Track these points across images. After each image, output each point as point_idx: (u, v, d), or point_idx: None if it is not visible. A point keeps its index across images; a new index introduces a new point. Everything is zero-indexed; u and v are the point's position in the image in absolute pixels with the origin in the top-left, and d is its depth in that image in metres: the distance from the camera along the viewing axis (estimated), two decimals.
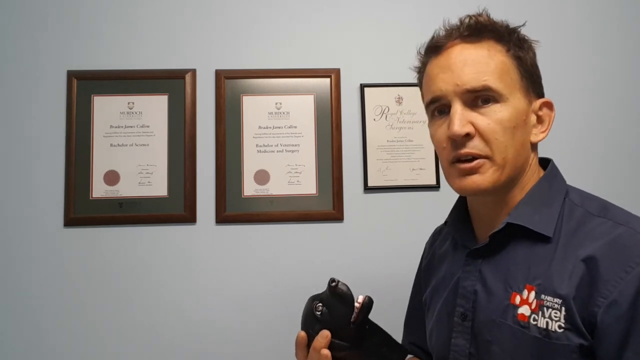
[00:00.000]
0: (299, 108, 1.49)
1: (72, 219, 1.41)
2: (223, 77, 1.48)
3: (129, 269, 1.41)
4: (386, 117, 1.50)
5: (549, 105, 0.75)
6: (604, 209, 0.70)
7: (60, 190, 1.42)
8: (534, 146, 0.75)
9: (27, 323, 1.37)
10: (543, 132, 0.75)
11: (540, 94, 0.76)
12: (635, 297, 0.60)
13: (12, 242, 1.39)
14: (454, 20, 0.76)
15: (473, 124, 0.70)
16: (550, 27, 1.56)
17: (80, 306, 1.39)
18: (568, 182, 0.77)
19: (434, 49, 0.76)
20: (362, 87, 1.50)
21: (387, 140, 1.49)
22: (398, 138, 1.50)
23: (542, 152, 0.80)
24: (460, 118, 0.70)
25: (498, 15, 0.79)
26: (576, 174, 0.97)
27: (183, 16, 1.51)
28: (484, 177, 0.70)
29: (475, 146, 0.70)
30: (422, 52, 0.79)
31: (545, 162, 0.79)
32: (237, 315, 1.42)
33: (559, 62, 1.55)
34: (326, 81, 1.50)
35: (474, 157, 0.70)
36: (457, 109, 0.70)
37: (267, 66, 1.50)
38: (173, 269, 1.42)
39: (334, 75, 1.50)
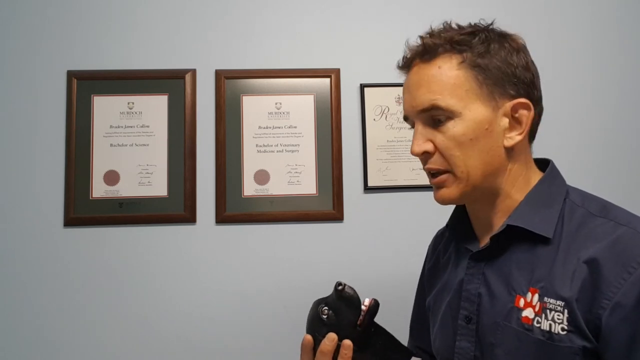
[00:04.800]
0: (299, 108, 1.49)
1: (72, 219, 1.41)
2: (223, 77, 1.48)
3: (129, 269, 1.41)
4: (386, 117, 1.50)
5: (524, 106, 0.72)
6: (605, 209, 0.70)
7: (60, 190, 1.42)
8: (511, 149, 0.73)
9: (27, 323, 1.37)
10: (519, 134, 0.72)
11: (518, 95, 0.72)
12: (639, 299, 0.60)
13: (12, 242, 1.39)
14: (450, 21, 0.77)
15: (433, 141, 0.73)
16: (550, 27, 1.56)
17: (80, 306, 1.39)
18: (568, 183, 0.77)
19: (402, 67, 0.79)
20: (362, 87, 1.50)
21: (387, 140, 1.49)
22: (398, 138, 1.50)
23: (542, 152, 0.80)
24: (419, 137, 0.74)
25: (497, 14, 0.78)
26: (576, 174, 0.97)
27: (183, 16, 1.51)
28: (450, 190, 0.73)
29: (435, 162, 0.74)
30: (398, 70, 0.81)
31: (544, 163, 0.79)
32: (237, 314, 1.42)
33: (559, 62, 1.55)
34: (326, 81, 1.50)
35: (438, 172, 0.74)
36: (418, 128, 0.74)
37: (267, 66, 1.50)
38: (173, 268, 1.42)
39: (334, 75, 1.50)
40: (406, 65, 0.77)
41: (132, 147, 1.45)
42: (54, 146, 1.43)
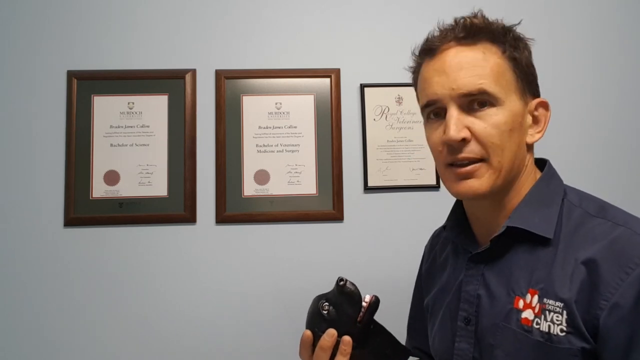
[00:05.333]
0: (299, 108, 1.49)
1: (72, 219, 1.41)
2: (223, 77, 1.48)
3: (129, 269, 1.41)
4: (386, 117, 1.50)
5: (544, 105, 0.74)
6: (603, 209, 0.70)
7: (60, 190, 1.42)
8: (529, 147, 0.75)
9: (27, 323, 1.37)
10: (539, 132, 0.74)
11: (536, 94, 0.75)
12: (637, 299, 0.60)
13: (12, 242, 1.39)
14: (450, 20, 0.75)
15: (469, 128, 0.69)
16: (549, 26, 1.56)
17: (80, 306, 1.39)
18: (569, 183, 0.77)
19: (429, 51, 0.74)
20: (362, 87, 1.50)
21: (387, 140, 1.49)
22: (398, 138, 1.50)
23: (542, 152, 0.80)
24: (457, 123, 0.69)
25: (497, 14, 0.78)
26: (576, 174, 0.97)
27: (183, 16, 1.51)
28: (481, 182, 0.70)
29: (471, 150, 0.69)
30: (417, 54, 0.78)
31: (541, 163, 0.79)
32: (237, 314, 1.42)
33: (559, 62, 1.55)
34: (326, 81, 1.50)
35: (470, 162, 0.70)
36: (453, 113, 0.69)
37: (267, 66, 1.50)
38: (173, 268, 1.42)
39: (334, 75, 1.50)
40: (436, 46, 0.73)
41: (132, 147, 1.45)
42: (54, 146, 1.43)
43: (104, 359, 1.38)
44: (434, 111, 0.74)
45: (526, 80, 0.73)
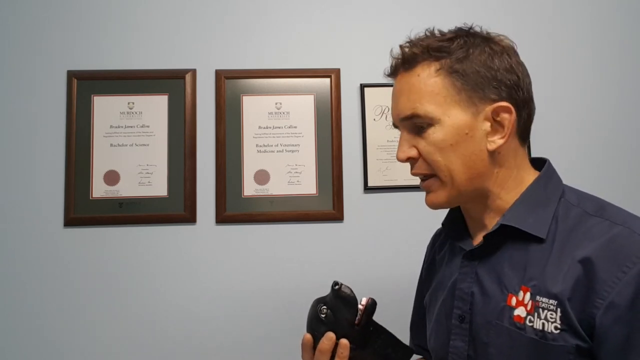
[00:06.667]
0: (299, 108, 1.49)
1: (72, 219, 1.41)
2: (223, 77, 1.48)
3: (129, 269, 1.41)
4: (386, 117, 1.50)
5: (505, 109, 0.71)
6: (601, 208, 0.70)
7: (60, 190, 1.42)
8: (496, 153, 0.73)
9: (27, 323, 1.37)
10: (502, 137, 0.71)
11: (500, 98, 0.71)
12: (634, 298, 0.60)
13: (12, 242, 1.39)
14: (447, 21, 0.78)
15: (417, 147, 0.75)
16: (549, 26, 1.56)
17: (80, 306, 1.39)
18: (569, 183, 0.77)
19: (390, 76, 0.81)
20: (362, 87, 1.50)
21: (387, 140, 1.49)
22: (398, 138, 1.49)
23: (542, 152, 0.80)
24: (403, 144, 0.77)
25: (498, 14, 0.78)
26: (576, 174, 0.97)
27: (183, 16, 1.51)
28: (437, 195, 0.76)
29: (419, 167, 0.76)
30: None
31: (540, 162, 0.78)
32: (237, 314, 1.42)
33: (559, 62, 1.55)
34: (326, 81, 1.50)
35: (425, 177, 0.76)
36: (403, 135, 0.77)
37: (267, 66, 1.50)
38: (173, 269, 1.42)
39: (334, 75, 1.50)
40: (392, 74, 0.80)
41: (132, 147, 1.45)
42: (54, 146, 1.43)
43: (104, 359, 1.38)
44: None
45: (476, 88, 0.71)
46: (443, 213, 0.88)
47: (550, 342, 0.64)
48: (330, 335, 0.72)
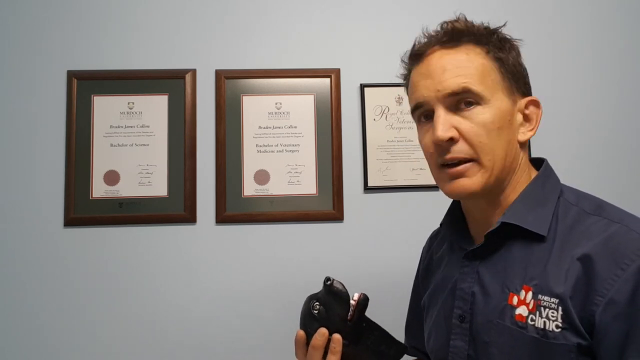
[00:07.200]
0: (299, 108, 1.49)
1: (72, 219, 1.41)
2: (223, 77, 1.48)
3: (129, 269, 1.41)
4: (386, 117, 1.50)
5: (535, 104, 0.75)
6: (599, 207, 0.70)
7: (60, 190, 1.42)
8: (522, 145, 0.75)
9: (27, 323, 1.37)
10: (530, 130, 0.75)
11: (527, 93, 0.76)
12: (633, 295, 0.60)
13: (12, 242, 1.39)
14: (451, 20, 0.77)
15: (457, 128, 0.70)
16: (550, 26, 1.56)
17: (80, 306, 1.39)
18: (569, 183, 0.77)
19: (415, 57, 0.77)
20: (362, 87, 1.50)
21: (387, 140, 1.49)
22: (398, 138, 1.50)
23: (542, 152, 0.80)
24: (444, 123, 0.70)
25: (498, 14, 0.79)
26: (576, 174, 0.97)
27: (183, 16, 1.51)
28: (472, 180, 0.71)
29: (460, 150, 0.71)
30: (406, 60, 0.81)
31: (539, 162, 0.79)
32: (237, 314, 1.42)
33: (559, 62, 1.55)
34: (326, 81, 1.50)
35: (460, 161, 0.71)
36: (440, 114, 0.71)
37: (267, 66, 1.50)
38: (173, 269, 1.42)
39: (334, 75, 1.50)
40: (421, 52, 0.76)
41: (132, 147, 1.45)
42: (54, 146, 1.43)
43: (104, 359, 1.38)
44: (424, 114, 0.76)
45: (513, 79, 0.74)
46: (443, 213, 0.88)
47: (551, 340, 0.64)
48: (322, 331, 0.71)
